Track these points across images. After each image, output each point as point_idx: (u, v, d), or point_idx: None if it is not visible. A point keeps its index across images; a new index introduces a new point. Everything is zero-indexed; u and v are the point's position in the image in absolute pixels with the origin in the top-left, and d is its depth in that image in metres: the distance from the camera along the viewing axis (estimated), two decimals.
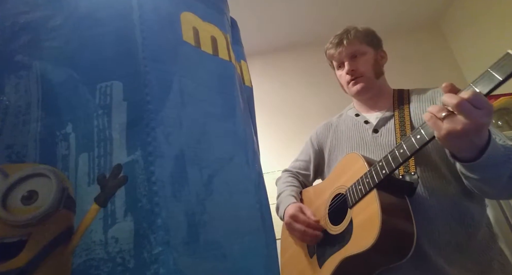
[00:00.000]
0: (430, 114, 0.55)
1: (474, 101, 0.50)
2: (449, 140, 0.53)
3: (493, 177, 0.59)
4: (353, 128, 0.92)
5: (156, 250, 0.33)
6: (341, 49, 0.92)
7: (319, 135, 1.03)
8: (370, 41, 0.94)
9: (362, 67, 0.90)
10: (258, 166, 0.50)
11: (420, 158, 0.74)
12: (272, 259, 0.43)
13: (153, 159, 0.36)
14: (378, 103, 0.92)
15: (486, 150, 0.54)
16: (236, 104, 0.50)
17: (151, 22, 0.45)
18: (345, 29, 0.95)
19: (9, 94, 0.41)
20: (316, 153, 1.01)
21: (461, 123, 0.50)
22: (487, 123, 0.51)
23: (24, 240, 0.34)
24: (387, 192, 0.67)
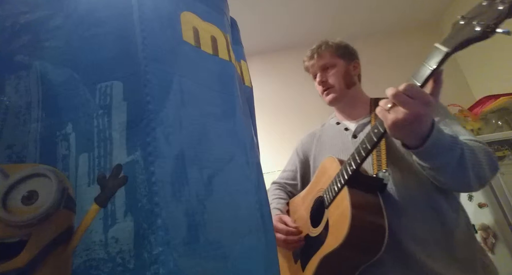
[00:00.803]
0: (379, 107, 0.60)
1: (408, 92, 0.55)
2: (395, 129, 0.58)
3: (440, 165, 0.64)
4: (334, 136, 0.97)
5: (156, 250, 0.33)
6: (313, 62, 1.00)
7: (304, 145, 1.08)
8: (341, 54, 1.00)
9: (332, 79, 0.97)
10: (258, 166, 0.50)
11: (393, 157, 0.78)
12: (272, 259, 0.43)
13: (153, 159, 0.36)
14: (355, 111, 0.97)
15: (428, 137, 0.59)
16: (236, 104, 0.50)
17: (151, 22, 0.45)
18: (318, 43, 1.03)
19: (10, 94, 0.41)
20: (302, 163, 1.06)
21: (401, 113, 0.55)
22: (424, 112, 0.56)
23: (24, 240, 0.34)
24: (357, 188, 0.70)
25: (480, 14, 0.50)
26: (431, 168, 0.65)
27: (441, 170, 0.65)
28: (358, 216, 0.64)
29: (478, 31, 0.49)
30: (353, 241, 0.63)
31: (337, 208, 0.71)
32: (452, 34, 0.54)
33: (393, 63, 2.49)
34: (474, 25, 0.50)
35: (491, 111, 1.86)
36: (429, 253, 0.68)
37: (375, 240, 0.64)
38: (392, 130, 0.58)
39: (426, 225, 0.71)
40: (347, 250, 0.64)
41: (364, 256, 0.65)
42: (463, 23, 0.53)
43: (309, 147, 1.04)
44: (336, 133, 0.97)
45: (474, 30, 0.50)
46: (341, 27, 2.51)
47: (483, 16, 0.49)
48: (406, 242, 0.69)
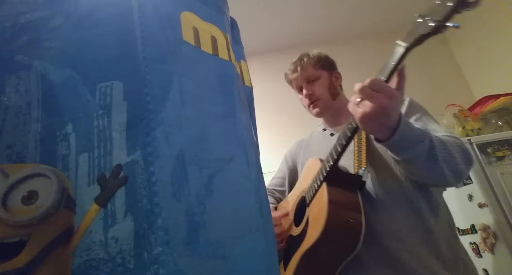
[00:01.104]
0: (350, 102, 0.62)
1: (373, 86, 0.58)
2: (364, 122, 0.60)
3: (411, 157, 0.65)
4: (321, 142, 0.99)
5: (156, 250, 0.33)
6: (296, 75, 1.01)
7: (292, 153, 1.11)
8: (322, 65, 1.02)
9: (318, 91, 0.98)
10: (258, 166, 0.51)
11: (373, 156, 0.80)
12: (272, 259, 0.43)
13: (153, 159, 0.36)
14: (339, 119, 1.00)
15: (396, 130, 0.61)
16: (236, 104, 0.50)
17: (151, 22, 0.45)
18: (299, 57, 1.05)
19: (10, 94, 0.41)
20: (290, 170, 1.08)
21: (368, 106, 0.58)
22: (389, 105, 0.58)
23: (24, 240, 0.34)
24: (336, 185, 0.72)
25: (434, 11, 0.54)
26: (403, 161, 0.67)
27: (412, 162, 0.66)
28: (335, 211, 0.66)
29: (431, 26, 0.53)
30: (329, 236, 0.64)
31: (316, 205, 0.73)
32: (411, 31, 0.59)
33: None
34: (428, 21, 0.54)
35: (491, 111, 1.86)
36: (410, 251, 0.69)
37: (351, 236, 0.65)
38: (361, 123, 0.60)
39: (405, 222, 0.72)
40: (324, 245, 0.66)
41: (341, 252, 0.66)
42: (420, 20, 0.57)
43: (297, 154, 1.07)
44: (322, 139, 0.99)
45: (427, 25, 0.54)
46: (341, 27, 2.52)
47: (435, 13, 0.54)
48: (386, 239, 0.70)
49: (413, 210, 0.73)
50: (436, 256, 0.69)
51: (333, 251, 0.67)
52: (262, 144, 0.69)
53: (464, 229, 1.56)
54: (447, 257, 0.70)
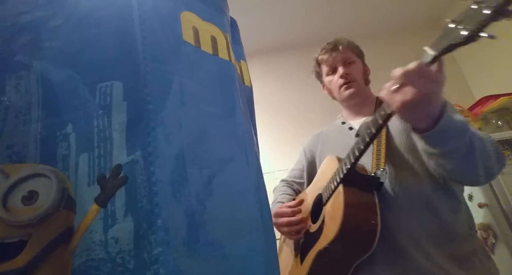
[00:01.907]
0: (385, 90, 0.57)
1: (417, 71, 0.53)
2: (404, 111, 0.56)
3: (450, 150, 0.61)
4: (339, 135, 0.98)
5: (156, 250, 0.33)
6: (336, 55, 0.98)
7: (310, 145, 1.09)
8: (359, 53, 1.02)
9: (355, 73, 0.97)
10: (258, 166, 0.50)
11: (391, 155, 0.79)
12: (272, 259, 0.43)
13: (153, 159, 0.36)
14: (362, 110, 0.97)
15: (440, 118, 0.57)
16: (236, 104, 0.50)
17: (151, 22, 0.45)
18: (336, 39, 1.02)
19: (10, 94, 0.41)
20: (308, 162, 1.06)
21: (409, 93, 0.53)
22: (434, 91, 0.54)
23: (24, 240, 0.34)
24: (353, 186, 0.71)
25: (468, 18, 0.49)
26: (440, 154, 0.63)
27: (450, 156, 0.62)
28: (351, 213, 0.66)
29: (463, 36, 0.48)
30: (344, 237, 0.65)
31: (333, 204, 0.73)
32: (440, 38, 0.54)
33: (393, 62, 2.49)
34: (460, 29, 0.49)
35: (491, 111, 1.86)
36: (424, 252, 0.68)
37: (366, 238, 0.65)
38: (401, 112, 0.56)
39: (422, 223, 0.71)
40: (339, 246, 0.66)
41: (356, 252, 0.67)
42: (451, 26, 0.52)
43: (315, 146, 1.05)
44: (340, 132, 0.97)
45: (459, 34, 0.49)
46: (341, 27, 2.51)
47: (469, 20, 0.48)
48: (401, 240, 0.69)
49: (431, 210, 0.72)
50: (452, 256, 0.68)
51: (348, 251, 0.67)
52: (262, 144, 0.69)
53: None
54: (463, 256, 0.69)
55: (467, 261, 0.69)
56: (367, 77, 1.01)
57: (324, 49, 1.01)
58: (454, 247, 0.69)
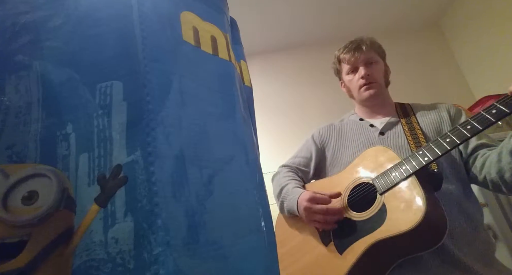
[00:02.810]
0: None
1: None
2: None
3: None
4: (358, 131, 0.96)
5: (156, 250, 0.33)
6: (359, 54, 0.97)
7: (322, 135, 1.05)
8: (381, 53, 1.01)
9: (377, 74, 0.96)
10: (258, 166, 0.50)
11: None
12: (272, 259, 0.43)
13: (153, 160, 0.36)
14: (382, 111, 0.97)
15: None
16: (236, 104, 0.50)
17: (151, 21, 0.45)
18: (360, 37, 1.01)
19: (10, 95, 0.41)
20: (318, 151, 1.03)
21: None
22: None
23: (24, 240, 0.34)
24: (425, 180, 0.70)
25: None
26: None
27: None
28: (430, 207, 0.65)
29: None
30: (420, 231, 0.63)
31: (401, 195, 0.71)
32: None
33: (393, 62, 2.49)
34: None
35: None
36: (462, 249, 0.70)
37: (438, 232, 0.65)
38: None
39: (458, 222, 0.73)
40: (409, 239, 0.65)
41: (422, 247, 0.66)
42: None
43: (328, 138, 1.03)
44: (360, 128, 0.96)
45: None
46: (341, 27, 2.51)
47: None
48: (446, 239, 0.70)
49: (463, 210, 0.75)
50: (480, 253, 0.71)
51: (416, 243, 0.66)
52: (262, 144, 0.69)
53: None
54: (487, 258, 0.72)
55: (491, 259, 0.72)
56: (387, 78, 1.01)
57: (347, 48, 1.00)
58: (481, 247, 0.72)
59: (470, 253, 0.70)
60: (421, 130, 0.85)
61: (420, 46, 2.55)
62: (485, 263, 0.70)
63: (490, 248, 0.74)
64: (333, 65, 1.09)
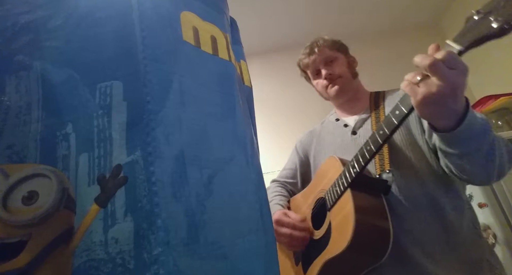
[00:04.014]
0: (406, 81, 0.52)
1: (448, 61, 0.47)
2: (426, 105, 0.49)
3: (472, 151, 0.56)
4: (334, 133, 0.94)
5: (156, 250, 0.33)
6: (314, 57, 0.97)
7: (303, 143, 1.05)
8: (338, 48, 0.99)
9: (338, 70, 0.94)
10: (258, 166, 0.50)
11: (395, 155, 0.74)
12: (272, 259, 0.43)
13: (153, 160, 0.36)
14: (355, 106, 0.94)
15: (466, 116, 0.51)
16: (236, 104, 0.50)
17: (151, 21, 0.45)
18: (313, 40, 1.01)
19: (10, 95, 0.41)
20: (301, 161, 1.03)
21: (435, 85, 0.47)
22: (462, 84, 0.48)
23: (24, 240, 0.34)
24: (361, 191, 0.67)
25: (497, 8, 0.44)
26: (460, 154, 0.57)
27: (471, 156, 0.57)
28: (362, 220, 0.62)
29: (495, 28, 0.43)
30: (357, 245, 0.61)
31: (340, 211, 0.69)
32: (465, 30, 0.48)
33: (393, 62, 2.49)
34: (491, 20, 0.44)
35: (491, 111, 1.86)
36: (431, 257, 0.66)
37: (379, 245, 0.62)
38: (423, 106, 0.50)
39: (428, 228, 0.68)
40: (351, 255, 0.63)
41: (368, 260, 0.64)
42: (477, 18, 0.46)
43: (309, 145, 1.02)
44: (336, 130, 0.94)
45: (490, 26, 0.44)
46: (341, 27, 2.51)
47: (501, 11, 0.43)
48: (407, 246, 0.67)
49: (436, 212, 0.69)
50: (459, 259, 0.66)
51: (360, 259, 0.64)
52: (262, 144, 0.69)
53: None
54: (471, 259, 0.67)
55: (476, 264, 0.66)
56: (353, 70, 0.98)
57: (303, 54, 1.01)
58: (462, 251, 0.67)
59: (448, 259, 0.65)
60: None
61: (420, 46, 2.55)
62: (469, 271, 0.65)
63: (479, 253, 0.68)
64: (301, 74, 1.10)
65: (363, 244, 0.62)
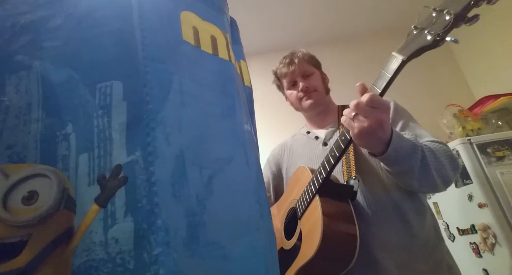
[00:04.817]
0: (344, 116, 0.62)
1: (371, 103, 0.58)
2: (361, 137, 0.60)
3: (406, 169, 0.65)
4: (305, 145, 0.97)
5: (156, 251, 0.33)
6: (293, 68, 1.00)
7: (275, 156, 1.08)
8: (315, 63, 1.04)
9: (314, 84, 0.99)
10: (258, 166, 0.50)
11: (360, 163, 0.79)
12: (272, 259, 0.43)
13: (153, 160, 0.36)
14: (325, 119, 0.99)
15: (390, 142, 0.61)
16: (236, 104, 0.50)
17: (151, 21, 0.45)
18: (292, 52, 1.04)
19: (10, 95, 0.41)
20: (274, 174, 1.05)
21: (366, 121, 0.58)
22: (385, 119, 0.60)
23: (24, 240, 0.34)
24: (329, 197, 0.69)
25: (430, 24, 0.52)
26: (399, 173, 0.67)
27: (406, 174, 0.67)
28: (330, 225, 0.64)
29: (429, 40, 0.52)
30: (325, 251, 0.62)
31: (309, 218, 0.70)
32: (406, 43, 0.57)
33: None
34: (426, 34, 0.53)
35: (491, 111, 1.86)
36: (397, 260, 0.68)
37: (347, 249, 0.63)
38: (357, 138, 0.60)
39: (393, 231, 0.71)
40: (321, 261, 0.63)
41: (338, 266, 0.64)
42: (415, 32, 0.56)
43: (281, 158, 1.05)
44: (307, 142, 0.98)
45: (426, 39, 0.53)
46: (341, 27, 2.51)
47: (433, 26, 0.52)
48: (374, 251, 0.69)
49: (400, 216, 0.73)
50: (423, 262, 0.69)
51: (329, 265, 0.65)
52: (262, 144, 0.69)
53: (464, 229, 1.56)
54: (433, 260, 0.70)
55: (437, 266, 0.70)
56: (326, 86, 1.03)
57: (281, 63, 1.04)
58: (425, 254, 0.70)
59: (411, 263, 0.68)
60: None
61: None
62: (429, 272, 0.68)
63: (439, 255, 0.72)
64: (274, 81, 1.13)
65: (331, 250, 0.63)
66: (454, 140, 1.70)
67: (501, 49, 2.09)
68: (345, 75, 2.28)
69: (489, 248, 1.42)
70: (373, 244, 0.69)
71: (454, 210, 1.66)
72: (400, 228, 0.72)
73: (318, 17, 2.43)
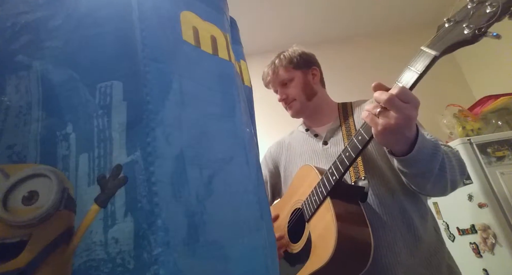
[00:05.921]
0: (367, 112, 0.58)
1: (402, 96, 0.53)
2: (385, 134, 0.56)
3: (425, 171, 0.62)
4: (304, 143, 0.95)
5: (156, 251, 0.33)
6: (269, 79, 1.00)
7: (273, 154, 1.06)
8: (296, 65, 0.98)
9: (292, 93, 0.96)
10: (258, 166, 0.50)
11: (368, 164, 0.77)
12: (272, 259, 0.43)
13: (153, 160, 0.36)
14: (323, 118, 0.96)
15: (416, 142, 0.58)
16: (236, 104, 0.50)
17: (150, 21, 0.45)
18: (273, 59, 1.02)
19: (10, 95, 0.41)
20: (271, 173, 1.03)
21: (393, 118, 0.53)
22: (415, 116, 0.55)
23: (24, 240, 0.34)
24: (340, 199, 0.67)
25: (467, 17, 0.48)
26: (416, 174, 0.64)
27: (425, 176, 0.64)
28: (344, 228, 0.61)
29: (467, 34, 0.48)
30: (340, 256, 0.60)
31: (320, 221, 0.67)
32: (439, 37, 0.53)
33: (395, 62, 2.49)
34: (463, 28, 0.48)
35: (491, 111, 1.86)
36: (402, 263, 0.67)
37: (362, 254, 0.61)
38: (382, 135, 0.56)
39: (398, 234, 0.70)
40: (335, 267, 0.61)
41: (353, 271, 0.63)
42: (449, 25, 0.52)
43: (278, 155, 1.03)
44: (306, 140, 0.96)
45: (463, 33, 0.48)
46: (341, 27, 2.51)
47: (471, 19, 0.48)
48: (381, 253, 0.68)
49: (406, 219, 0.72)
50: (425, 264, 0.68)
51: (344, 269, 0.63)
52: (262, 144, 0.69)
53: (464, 229, 1.56)
54: (434, 263, 0.69)
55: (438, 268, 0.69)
56: (311, 89, 0.97)
57: (265, 72, 1.03)
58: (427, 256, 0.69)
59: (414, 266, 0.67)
60: None
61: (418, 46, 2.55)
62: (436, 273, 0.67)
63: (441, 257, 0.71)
64: None
65: (346, 255, 0.61)
66: (454, 140, 1.70)
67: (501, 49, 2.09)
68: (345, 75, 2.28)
69: (489, 248, 1.42)
70: (380, 247, 0.68)
71: (454, 210, 1.66)
72: (406, 231, 0.71)
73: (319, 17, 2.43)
